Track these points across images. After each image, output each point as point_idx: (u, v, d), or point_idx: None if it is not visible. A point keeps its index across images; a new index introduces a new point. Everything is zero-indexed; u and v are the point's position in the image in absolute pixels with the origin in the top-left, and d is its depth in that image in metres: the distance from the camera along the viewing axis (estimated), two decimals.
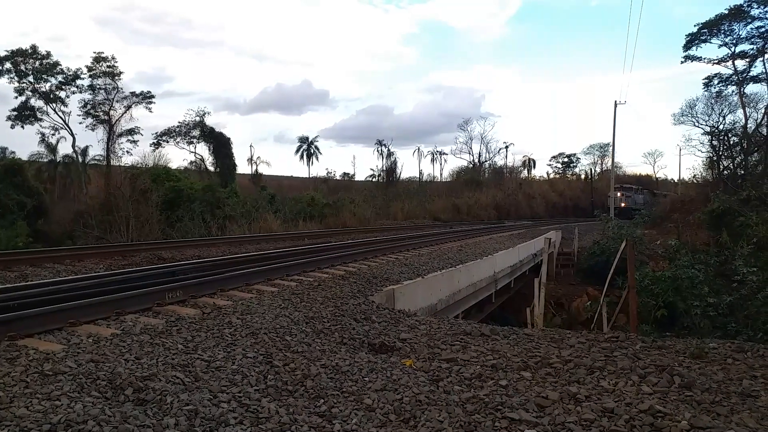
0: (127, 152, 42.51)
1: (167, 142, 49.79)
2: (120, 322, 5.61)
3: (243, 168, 62.02)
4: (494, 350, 5.72)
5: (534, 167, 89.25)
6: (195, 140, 50.41)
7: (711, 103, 42.96)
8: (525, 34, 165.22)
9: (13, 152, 45.71)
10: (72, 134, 42.27)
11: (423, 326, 7.00)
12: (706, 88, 44.33)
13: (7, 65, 37.90)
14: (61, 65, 39.33)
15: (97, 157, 46.73)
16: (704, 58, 42.79)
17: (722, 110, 42.46)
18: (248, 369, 4.54)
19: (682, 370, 4.89)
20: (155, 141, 49.02)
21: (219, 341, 5.22)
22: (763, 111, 40.98)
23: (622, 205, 55.84)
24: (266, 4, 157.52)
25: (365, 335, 6.28)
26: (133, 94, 42.20)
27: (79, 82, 40.23)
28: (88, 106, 41.06)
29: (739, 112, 41.89)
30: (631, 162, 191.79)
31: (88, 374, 3.98)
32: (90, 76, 40.11)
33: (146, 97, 42.79)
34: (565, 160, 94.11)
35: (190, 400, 3.73)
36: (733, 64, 41.92)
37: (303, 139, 76.63)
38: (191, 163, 50.75)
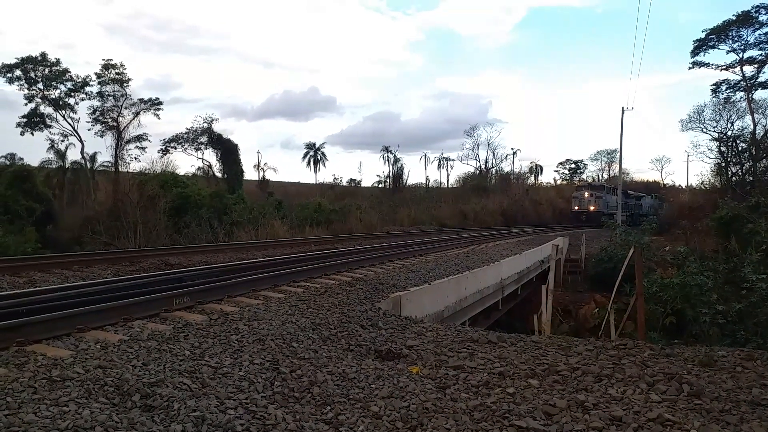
0: (136, 158, 42.56)
1: (175, 148, 49.85)
2: (128, 328, 5.63)
3: (250, 174, 62.26)
4: (501, 357, 5.70)
5: (541, 173, 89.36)
6: (202, 147, 50.46)
7: (719, 110, 42.88)
8: (531, 40, 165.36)
9: (22, 158, 46.00)
10: (81, 141, 42.43)
11: (430, 333, 6.99)
12: (714, 94, 44.24)
13: (17, 72, 38.17)
14: (70, 72, 39.56)
15: (105, 164, 46.97)
16: (712, 64, 42.72)
17: (730, 116, 42.38)
18: (255, 375, 4.54)
19: (691, 378, 4.85)
20: (163, 147, 49.06)
21: (226, 347, 5.23)
22: None
23: (591, 208, 49.23)
24: (273, 11, 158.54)
25: (372, 342, 6.28)
26: (141, 100, 42.30)
27: (88, 89, 40.38)
28: (97, 113, 41.15)
29: (748, 119, 41.79)
30: (639, 168, 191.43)
31: (95, 380, 3.99)
32: (99, 83, 40.26)
33: (154, 104, 42.88)
34: (572, 166, 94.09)
35: (197, 406, 3.73)
36: (741, 70, 41.82)
37: (310, 146, 76.98)
38: (199, 169, 50.88)
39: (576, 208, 51.08)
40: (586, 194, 50.23)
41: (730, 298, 11.80)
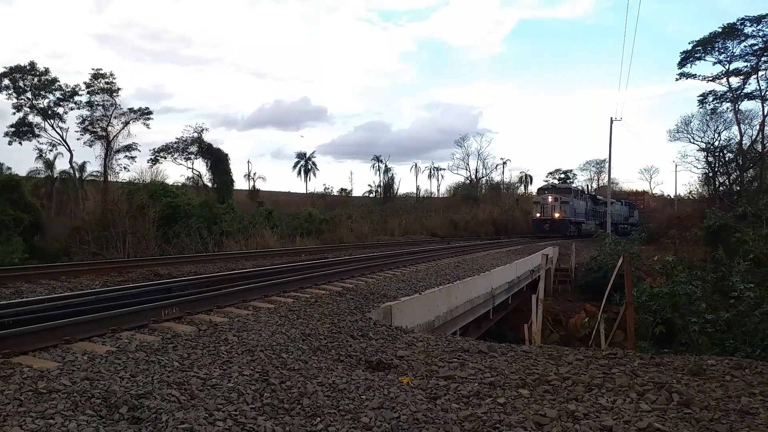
0: (125, 168, 42.41)
1: (165, 158, 49.64)
2: (115, 339, 5.57)
3: (240, 184, 62.12)
4: (492, 367, 5.70)
5: (531, 183, 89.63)
6: (193, 156, 50.35)
7: (706, 120, 43.50)
8: (521, 51, 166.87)
9: (10, 168, 45.64)
10: (69, 150, 42.24)
11: (420, 343, 6.97)
12: (701, 105, 44.80)
13: (6, 82, 37.97)
14: (59, 82, 39.41)
15: (94, 173, 46.76)
16: (699, 76, 43.28)
17: (717, 127, 42.99)
18: (244, 387, 4.50)
19: (680, 388, 4.87)
20: (153, 157, 48.87)
21: (215, 358, 5.19)
22: (757, 127, 41.43)
23: (556, 215, 42.23)
24: (265, 22, 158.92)
25: (362, 352, 6.25)
26: (131, 110, 42.14)
27: (77, 98, 40.25)
28: (86, 123, 40.97)
29: (734, 129, 42.40)
30: (628, 178, 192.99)
31: (82, 392, 3.94)
32: (88, 92, 40.14)
33: (144, 114, 42.73)
34: (562, 176, 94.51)
35: (185, 418, 3.69)
36: (728, 81, 42.40)
37: (301, 155, 77.07)
38: (189, 179, 50.72)
39: (538, 215, 43.85)
40: (550, 198, 42.75)
41: (719, 307, 11.89)
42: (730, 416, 4.22)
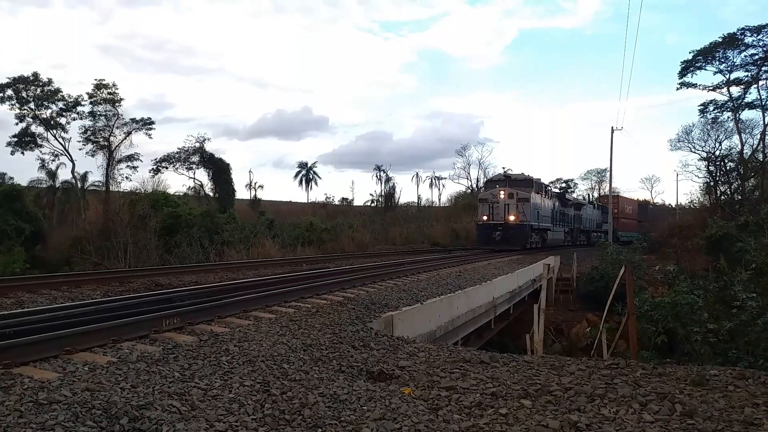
0: (127, 178, 42.52)
1: (166, 168, 49.73)
2: (116, 350, 5.56)
3: (242, 193, 62.22)
4: (494, 378, 5.68)
5: None
6: (194, 166, 50.41)
7: (707, 129, 43.46)
8: (521, 61, 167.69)
9: (12, 178, 45.79)
10: (72, 160, 42.38)
11: (422, 353, 6.95)
12: (701, 115, 44.77)
13: (9, 92, 38.19)
14: (62, 92, 39.62)
15: (96, 183, 46.90)
16: (699, 85, 43.24)
17: (718, 136, 42.94)
18: (245, 397, 4.49)
19: (683, 398, 4.85)
20: (154, 167, 49.02)
21: (216, 369, 5.18)
22: (758, 137, 41.39)
23: (511, 217, 29.69)
24: (267, 32, 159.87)
25: (364, 363, 6.23)
26: (133, 120, 42.31)
27: (79, 108, 40.45)
28: (89, 133, 41.13)
29: (735, 138, 42.32)
30: (629, 187, 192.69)
31: (83, 403, 3.93)
32: (91, 102, 40.32)
33: (146, 124, 42.89)
34: (563, 185, 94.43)
35: (186, 429, 3.68)
36: (728, 90, 42.36)
37: (302, 165, 77.31)
38: (190, 188, 50.79)
39: (484, 218, 30.68)
40: (503, 194, 30.32)
41: (721, 316, 11.84)
42: (733, 427, 4.20)
